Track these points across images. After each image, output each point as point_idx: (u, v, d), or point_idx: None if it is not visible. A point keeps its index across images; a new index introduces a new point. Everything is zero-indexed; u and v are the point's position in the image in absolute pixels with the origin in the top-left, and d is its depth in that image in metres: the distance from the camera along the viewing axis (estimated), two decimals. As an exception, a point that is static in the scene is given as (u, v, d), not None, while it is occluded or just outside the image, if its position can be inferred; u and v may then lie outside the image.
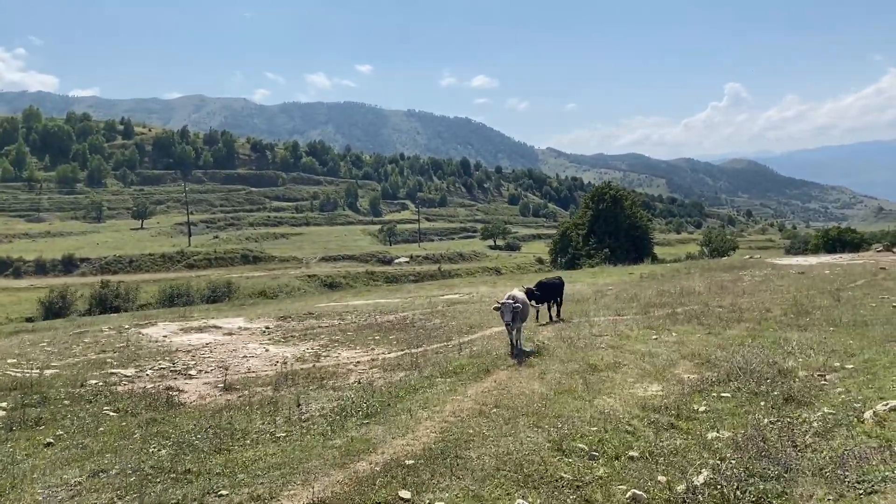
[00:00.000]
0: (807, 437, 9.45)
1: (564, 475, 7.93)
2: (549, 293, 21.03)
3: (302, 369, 15.42)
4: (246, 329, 21.80)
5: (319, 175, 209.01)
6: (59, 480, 8.10)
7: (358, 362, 16.16)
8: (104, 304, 44.38)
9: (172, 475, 7.94)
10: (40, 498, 7.61)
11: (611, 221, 74.72)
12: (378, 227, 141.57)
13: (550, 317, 21.07)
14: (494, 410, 10.69)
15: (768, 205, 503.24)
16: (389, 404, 11.27)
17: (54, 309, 42.72)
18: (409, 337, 19.23)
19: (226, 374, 14.52)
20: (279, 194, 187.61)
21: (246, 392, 13.32)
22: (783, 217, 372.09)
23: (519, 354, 15.21)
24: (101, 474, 8.18)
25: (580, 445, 8.99)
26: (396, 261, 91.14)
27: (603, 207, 76.11)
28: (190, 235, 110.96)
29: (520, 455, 8.46)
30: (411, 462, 8.03)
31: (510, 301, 15.27)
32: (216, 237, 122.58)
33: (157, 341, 19.41)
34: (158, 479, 7.83)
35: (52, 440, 10.26)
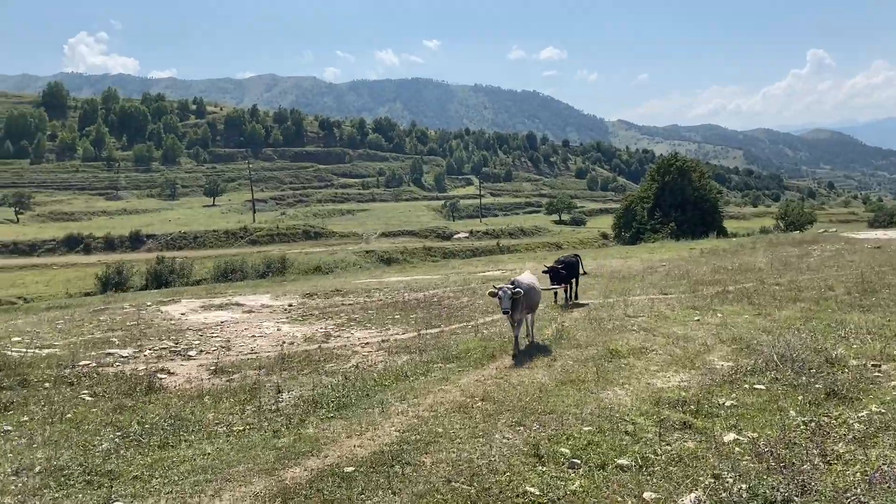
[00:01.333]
0: (841, 444, 7.89)
1: (530, 489, 6.67)
2: (567, 273, 19.11)
3: (305, 351, 14.53)
4: (268, 307, 21.12)
5: (385, 151, 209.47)
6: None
7: (367, 343, 15.16)
8: (159, 279, 44.93)
9: (88, 477, 7.07)
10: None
11: (677, 194, 71.56)
12: (441, 202, 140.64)
13: (567, 298, 19.34)
14: (479, 404, 9.47)
15: (852, 176, 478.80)
16: (368, 394, 10.20)
17: (111, 284, 43.45)
18: (430, 316, 18.12)
19: (219, 357, 13.71)
20: (346, 171, 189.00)
21: (236, 376, 12.50)
22: (868, 189, 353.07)
23: (518, 355, 12.68)
24: (21, 472, 7.38)
25: (563, 450, 7.69)
26: (456, 236, 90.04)
27: (669, 180, 72.95)
28: (254, 212, 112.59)
29: (484, 462, 7.23)
30: (350, 470, 6.91)
31: (508, 287, 12.39)
32: (283, 214, 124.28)
33: (171, 319, 18.91)
34: (69, 483, 6.97)
35: (10, 427, 9.60)
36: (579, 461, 7.44)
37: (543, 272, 18.48)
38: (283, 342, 15.62)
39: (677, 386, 10.67)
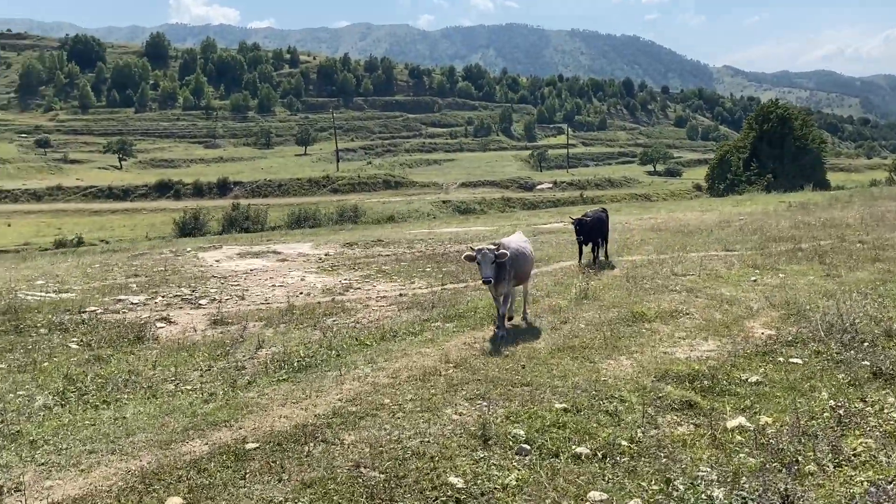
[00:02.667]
0: (863, 439, 6.43)
1: (453, 480, 5.62)
2: (594, 229, 16.74)
3: (318, 303, 13.82)
4: (304, 255, 20.60)
5: (475, 100, 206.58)
6: None
7: (384, 297, 14.31)
8: (234, 225, 45.68)
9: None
10: None
11: (776, 144, 66.91)
12: (529, 152, 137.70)
13: (595, 257, 16.98)
14: (451, 371, 8.42)
15: None
16: (340, 355, 9.34)
17: (187, 229, 44.48)
18: (457, 270, 17.07)
19: (222, 308, 13.18)
20: (434, 120, 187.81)
21: (232, 328, 11.90)
22: None
23: (502, 333, 10.23)
24: None
25: (517, 431, 6.57)
26: (538, 187, 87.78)
27: (768, 128, 68.23)
28: (338, 161, 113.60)
29: (414, 443, 6.23)
30: (253, 447, 6.04)
31: (490, 248, 9.98)
32: (369, 163, 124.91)
33: (202, 266, 18.65)
34: None
35: (-22, 375, 9.29)
36: (530, 446, 6.31)
37: (573, 223, 16.60)
38: (300, 293, 15.00)
39: (697, 357, 9.29)
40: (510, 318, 11.08)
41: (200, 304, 14.00)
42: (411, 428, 6.59)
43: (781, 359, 9.18)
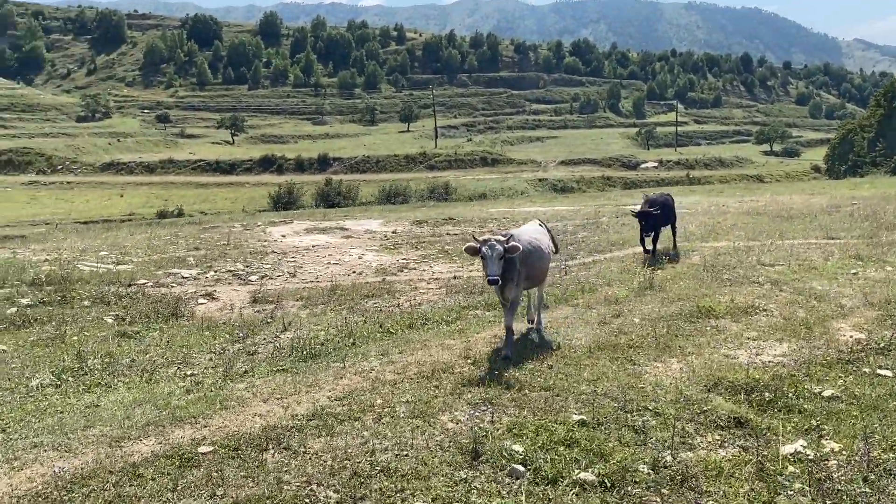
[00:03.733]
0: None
1: (421, 506, 4.76)
2: (658, 215, 14.33)
3: (366, 283, 13.22)
4: (371, 232, 20.10)
5: (582, 76, 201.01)
6: None
7: (436, 279, 13.55)
8: (327, 199, 46.05)
9: None
10: None
11: (907, 123, 61.09)
12: (637, 130, 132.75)
13: (654, 251, 14.31)
14: (466, 369, 7.53)
15: None
16: (356, 343, 8.63)
17: (281, 203, 45.18)
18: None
19: (261, 285, 12.79)
20: (539, 97, 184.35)
21: (269, 307, 11.47)
22: None
23: (509, 353, 7.93)
24: None
25: (515, 448, 5.63)
26: (642, 166, 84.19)
27: (899, 105, 62.40)
28: (436, 138, 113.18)
29: (388, 457, 5.40)
30: (206, 450, 5.39)
31: (498, 239, 7.73)
32: (469, 140, 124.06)
33: (265, 241, 18.46)
34: None
35: (5, 348, 9.23)
36: (525, 468, 5.36)
37: (633, 215, 14.47)
38: (353, 272, 14.45)
39: (763, 363, 7.99)
40: (531, 321, 9.40)
41: (249, 281, 13.69)
42: (393, 437, 5.77)
43: (867, 369, 7.80)
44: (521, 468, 5.37)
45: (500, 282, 7.73)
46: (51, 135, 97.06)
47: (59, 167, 74.13)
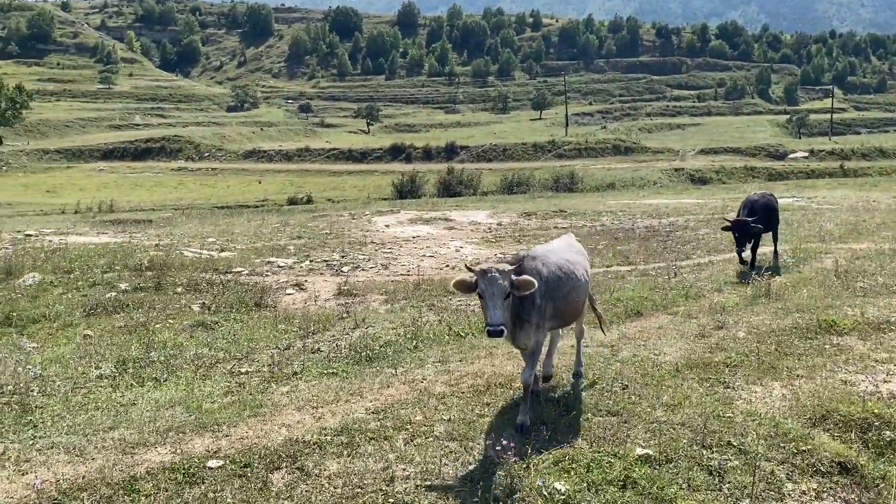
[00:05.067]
0: None
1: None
2: (763, 222, 12.10)
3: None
4: (475, 224, 19.50)
5: (728, 60, 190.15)
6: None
7: (532, 277, 12.77)
8: (448, 188, 45.94)
9: (29, 401, 6.22)
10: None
11: None
12: (788, 117, 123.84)
13: (753, 260, 12.27)
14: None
15: None
16: (418, 347, 8.08)
17: (404, 191, 45.54)
18: (634, 249, 14.93)
19: (347, 278, 12.53)
20: (681, 82, 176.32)
21: (353, 300, 11.20)
22: None
23: (525, 420, 5.81)
24: None
25: (557, 486, 4.87)
26: (791, 156, 78.09)
27: None
28: (567, 125, 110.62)
29: (407, 488, 4.80)
30: (215, 465, 5.00)
31: (499, 270, 5.31)
32: (603, 127, 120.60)
33: (368, 231, 18.31)
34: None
35: (90, 333, 9.45)
36: (566, 514, 4.60)
37: (724, 229, 12.31)
38: (446, 265, 13.97)
39: (889, 392, 6.72)
40: (546, 379, 6.72)
41: (341, 272, 13.51)
42: (420, 462, 5.17)
43: None
44: (562, 513, 4.61)
45: (505, 330, 5.19)
46: (202, 124, 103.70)
47: (206, 154, 78.87)
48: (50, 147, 77.31)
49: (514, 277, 5.33)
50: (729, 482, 5.08)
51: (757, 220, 11.81)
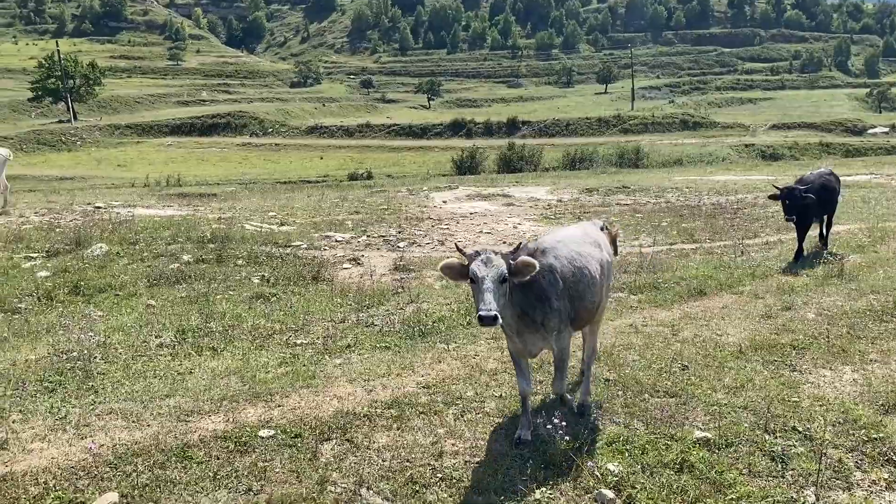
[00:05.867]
0: None
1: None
2: (820, 201, 10.87)
3: (515, 255, 12.52)
4: (534, 200, 19.22)
5: (805, 31, 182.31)
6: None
7: (591, 253, 12.52)
8: (508, 164, 45.53)
9: (81, 374, 6.38)
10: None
11: None
12: (868, 90, 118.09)
13: (799, 250, 11.05)
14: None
15: None
16: (471, 323, 7.97)
17: (464, 167, 45.31)
18: (699, 227, 14.49)
19: (402, 253, 12.52)
20: (754, 54, 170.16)
21: (408, 275, 11.16)
22: None
23: (525, 434, 5.12)
24: (59, 354, 7.04)
25: (610, 467, 4.72)
26: (870, 131, 74.47)
27: None
28: (633, 100, 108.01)
29: (456, 463, 4.75)
30: (266, 435, 5.00)
31: (494, 253, 4.76)
32: (671, 102, 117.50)
33: (425, 207, 18.24)
34: (70, 374, 6.34)
35: (153, 303, 9.68)
36: (616, 494, 4.47)
37: (771, 197, 11.29)
38: (503, 241, 13.81)
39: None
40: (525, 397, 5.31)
41: (397, 247, 13.50)
42: (470, 438, 5.10)
43: None
44: (609, 494, 4.47)
45: (500, 319, 4.49)
46: (266, 100, 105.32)
47: (270, 130, 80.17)
48: (121, 122, 79.78)
49: (511, 261, 4.73)
50: (793, 469, 4.85)
51: (812, 202, 10.56)
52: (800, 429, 5.38)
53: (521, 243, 5.12)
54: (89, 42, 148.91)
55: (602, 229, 6.14)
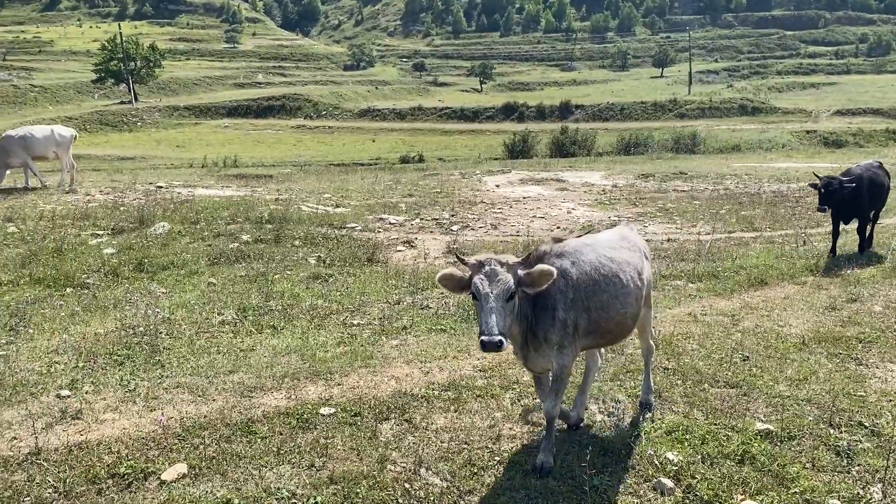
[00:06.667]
0: None
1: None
2: (864, 195, 10.13)
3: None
4: (588, 185, 18.99)
5: (873, 13, 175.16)
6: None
7: (647, 241, 12.30)
8: (561, 148, 45.08)
9: (148, 348, 6.60)
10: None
11: None
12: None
13: (863, 244, 10.60)
14: (640, 351, 6.55)
15: None
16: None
17: (515, 151, 45.07)
18: (759, 215, 14.16)
19: (456, 237, 12.54)
20: (817, 38, 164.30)
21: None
22: None
23: (545, 461, 4.53)
24: (126, 329, 7.28)
25: (669, 456, 4.69)
26: (941, 118, 71.39)
27: None
28: (690, 84, 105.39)
29: (511, 448, 4.77)
30: (327, 412, 5.09)
31: (501, 263, 4.06)
32: (729, 86, 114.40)
33: (478, 191, 18.19)
34: (137, 348, 6.57)
35: (214, 281, 9.93)
36: (675, 484, 4.43)
37: (811, 185, 10.57)
38: (557, 227, 13.73)
39: None
40: (575, 425, 5.10)
41: (450, 231, 13.54)
42: (527, 423, 5.11)
43: None
44: (669, 483, 4.44)
45: (504, 342, 3.86)
46: (320, 82, 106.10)
47: (324, 113, 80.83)
48: (179, 104, 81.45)
49: (521, 272, 4.08)
50: (859, 465, 4.73)
51: (851, 194, 9.88)
52: (866, 424, 5.24)
53: (531, 252, 4.47)
54: (149, 25, 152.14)
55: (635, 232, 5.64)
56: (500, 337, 3.82)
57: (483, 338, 3.82)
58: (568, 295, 4.35)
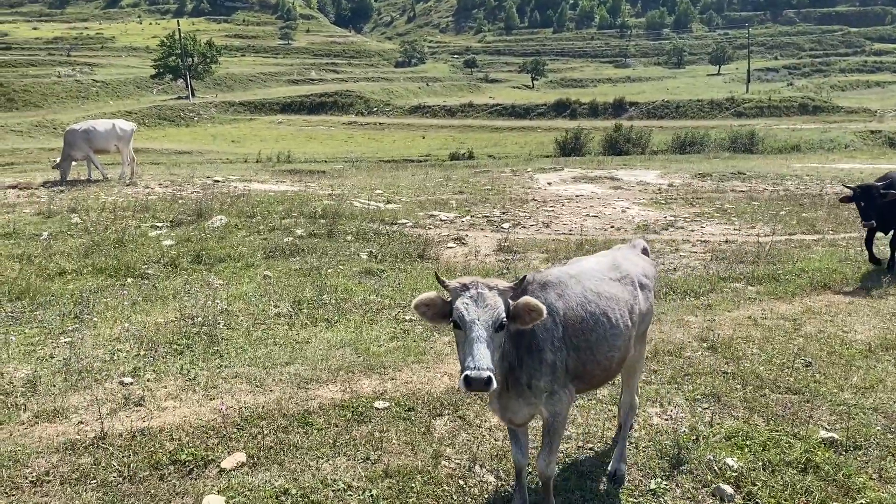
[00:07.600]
0: None
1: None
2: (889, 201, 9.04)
3: (623, 240, 12.27)
4: (642, 184, 18.66)
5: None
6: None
7: (705, 241, 12.13)
8: (614, 146, 44.53)
9: (216, 332, 6.74)
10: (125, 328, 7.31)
11: None
12: None
13: (870, 251, 9.77)
14: (699, 354, 6.43)
15: None
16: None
17: (567, 149, 44.67)
18: (821, 217, 13.75)
19: (507, 234, 12.46)
20: (884, 34, 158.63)
21: (513, 256, 11.18)
22: None
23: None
24: (186, 319, 7.46)
25: (729, 462, 4.58)
26: None
27: None
28: (748, 82, 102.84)
29: (566, 449, 4.72)
30: (381, 406, 5.12)
31: (489, 287, 3.41)
32: (789, 84, 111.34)
33: (529, 188, 18.05)
34: (195, 336, 6.73)
35: (269, 274, 10.10)
36: (736, 491, 4.34)
37: (843, 200, 9.95)
38: (611, 226, 13.56)
39: None
40: (619, 484, 4.44)
41: (501, 228, 13.47)
42: (582, 424, 5.08)
43: None
44: (729, 490, 4.34)
45: (494, 383, 3.15)
46: (371, 79, 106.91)
47: (375, 109, 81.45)
48: (235, 100, 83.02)
49: (511, 301, 3.45)
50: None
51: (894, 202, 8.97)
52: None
53: (525, 276, 3.75)
54: (206, 21, 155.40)
55: (644, 251, 4.96)
56: (489, 373, 3.12)
57: (469, 373, 3.11)
58: (556, 333, 3.74)
